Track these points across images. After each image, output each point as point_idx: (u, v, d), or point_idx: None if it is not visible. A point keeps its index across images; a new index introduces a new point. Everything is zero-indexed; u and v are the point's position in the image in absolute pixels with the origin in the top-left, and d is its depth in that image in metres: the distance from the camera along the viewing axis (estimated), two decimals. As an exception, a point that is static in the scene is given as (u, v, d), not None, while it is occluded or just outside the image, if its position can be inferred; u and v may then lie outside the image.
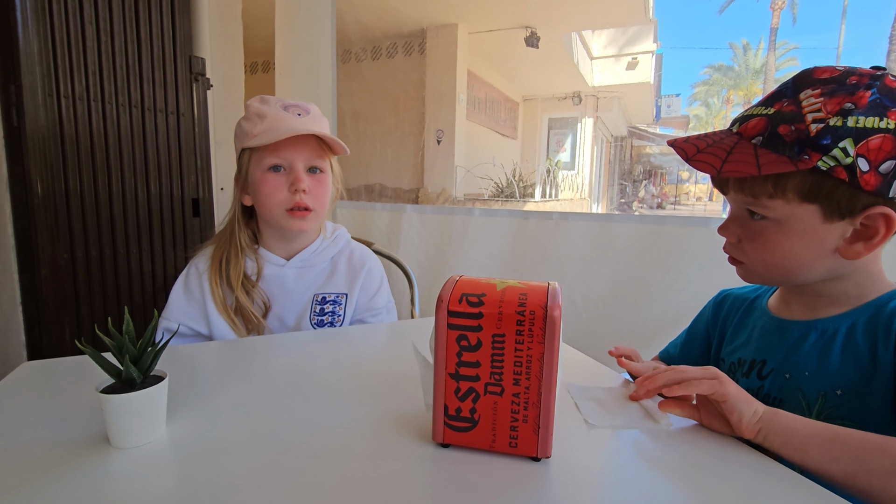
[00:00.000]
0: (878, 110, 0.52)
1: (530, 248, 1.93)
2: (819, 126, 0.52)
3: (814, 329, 0.63)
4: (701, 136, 0.63)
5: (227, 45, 2.10)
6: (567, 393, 0.63)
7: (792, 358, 0.64)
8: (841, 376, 0.59)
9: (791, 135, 0.54)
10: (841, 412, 0.58)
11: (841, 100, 0.52)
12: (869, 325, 0.59)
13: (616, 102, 12.30)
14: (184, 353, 0.78)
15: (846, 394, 0.58)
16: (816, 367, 0.61)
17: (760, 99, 0.61)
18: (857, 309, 0.61)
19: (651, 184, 19.80)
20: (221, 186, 1.99)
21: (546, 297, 0.47)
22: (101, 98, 1.53)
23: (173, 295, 0.95)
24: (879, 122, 0.51)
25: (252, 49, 2.68)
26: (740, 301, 0.78)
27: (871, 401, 0.57)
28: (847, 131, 0.51)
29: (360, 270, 1.02)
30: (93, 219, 1.55)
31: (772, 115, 0.57)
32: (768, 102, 0.59)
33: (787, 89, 0.58)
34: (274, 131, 0.88)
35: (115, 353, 0.50)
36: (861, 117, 0.51)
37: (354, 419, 0.56)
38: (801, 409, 0.61)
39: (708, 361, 0.81)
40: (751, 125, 0.58)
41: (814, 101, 0.54)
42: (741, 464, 0.50)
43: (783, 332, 0.66)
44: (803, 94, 0.55)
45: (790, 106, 0.55)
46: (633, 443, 0.53)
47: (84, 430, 0.53)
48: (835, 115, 0.52)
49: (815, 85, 0.55)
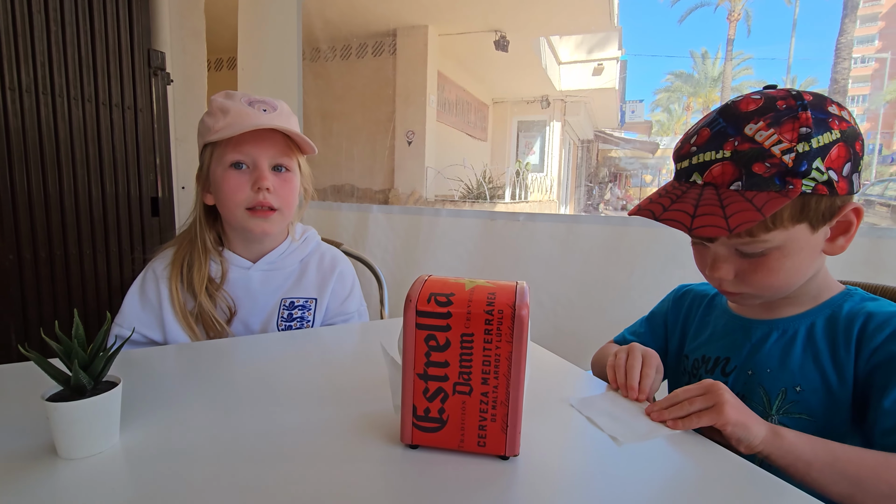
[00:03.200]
0: (824, 124, 0.56)
1: (498, 249, 1.94)
2: (791, 155, 0.55)
3: (775, 329, 0.67)
4: (660, 195, 0.63)
5: (189, 39, 2.03)
6: (534, 391, 0.63)
7: (755, 356, 0.67)
8: (801, 374, 0.63)
9: (769, 171, 0.56)
10: (799, 407, 0.62)
11: (792, 125, 0.55)
12: (828, 326, 0.64)
13: (583, 107, 12.55)
14: (140, 357, 0.75)
15: (805, 390, 0.62)
16: (778, 365, 0.65)
17: (695, 140, 0.61)
18: (814, 309, 0.65)
19: (616, 186, 20.32)
20: (182, 185, 1.92)
21: (514, 297, 0.47)
22: (51, 91, 1.45)
23: (127, 300, 0.90)
24: (830, 135, 0.56)
25: (217, 45, 2.60)
26: (701, 298, 0.81)
27: (828, 398, 0.61)
28: (815, 152, 0.55)
29: (331, 274, 0.99)
30: (42, 218, 1.47)
31: (731, 157, 0.57)
32: (714, 146, 0.59)
33: (726, 128, 0.58)
34: (236, 126, 0.84)
35: (63, 358, 0.48)
36: (818, 136, 0.55)
37: (321, 422, 0.55)
38: (762, 404, 0.65)
39: (664, 353, 0.83)
40: (717, 173, 0.58)
41: (765, 133, 0.56)
42: (702, 455, 0.51)
43: (746, 332, 0.69)
44: (748, 129, 0.57)
45: (744, 144, 0.57)
46: (599, 439, 0.54)
47: (29, 440, 0.49)
48: (798, 141, 0.55)
49: (752, 118, 0.57)
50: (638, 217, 0.66)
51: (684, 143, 0.63)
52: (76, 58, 1.50)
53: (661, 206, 0.61)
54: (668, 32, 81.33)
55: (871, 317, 0.60)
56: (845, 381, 0.60)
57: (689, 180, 0.61)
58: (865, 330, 0.60)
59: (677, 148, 0.65)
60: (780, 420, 0.63)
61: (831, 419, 0.61)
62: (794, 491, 0.45)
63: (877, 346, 0.59)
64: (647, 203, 0.64)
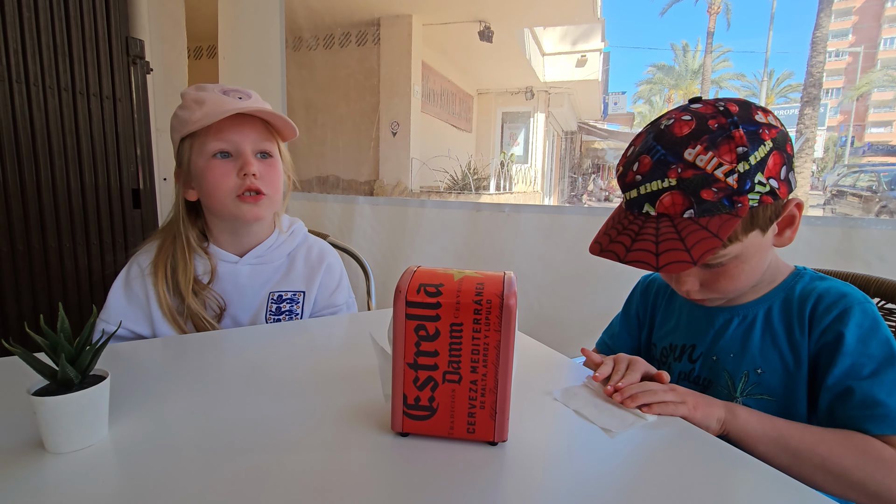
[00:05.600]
0: (756, 138, 0.58)
1: (483, 240, 1.95)
2: (734, 177, 0.58)
3: (736, 315, 0.71)
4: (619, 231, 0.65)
5: (169, 26, 1.98)
6: (521, 378, 0.65)
7: (718, 342, 0.71)
8: (761, 357, 0.67)
9: (717, 195, 0.58)
10: (761, 389, 0.67)
11: (729, 146, 0.57)
12: (783, 308, 0.68)
13: (566, 98, 12.58)
14: (127, 350, 0.74)
15: (766, 372, 0.67)
16: (740, 349, 0.69)
17: (637, 168, 0.62)
18: (770, 293, 0.70)
19: (599, 177, 20.51)
20: (164, 177, 1.88)
21: (502, 286, 0.48)
22: (25, 79, 1.41)
23: (112, 295, 0.88)
24: (763, 147, 0.58)
25: (197, 32, 2.54)
26: (664, 287, 0.84)
27: (787, 378, 0.65)
28: (754, 168, 0.58)
29: (319, 267, 0.99)
30: (18, 211, 1.43)
31: (678, 185, 0.59)
32: (658, 175, 0.60)
33: (666, 155, 0.60)
34: (215, 113, 0.83)
35: (49, 352, 0.47)
36: (754, 152, 0.58)
37: (311, 412, 0.56)
38: (727, 387, 0.69)
39: (640, 347, 0.87)
40: (667, 203, 0.60)
41: (705, 157, 0.58)
42: (690, 443, 0.53)
43: (709, 319, 0.73)
44: (687, 154, 0.58)
45: (688, 171, 0.58)
46: (584, 423, 0.55)
47: (15, 435, 0.49)
48: (737, 161, 0.57)
49: (689, 143, 0.59)
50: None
51: (626, 171, 0.65)
52: (51, 45, 1.46)
53: (623, 245, 0.63)
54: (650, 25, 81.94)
55: (820, 298, 0.65)
56: (800, 362, 0.65)
57: (642, 212, 0.63)
58: (816, 311, 0.65)
59: (620, 174, 0.67)
60: (744, 402, 0.67)
61: (790, 398, 0.65)
62: (756, 463, 0.48)
63: (825, 326, 0.63)
64: (606, 242, 0.66)
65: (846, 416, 0.59)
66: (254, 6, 2.32)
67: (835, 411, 0.60)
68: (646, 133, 0.65)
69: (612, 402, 0.60)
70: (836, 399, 0.60)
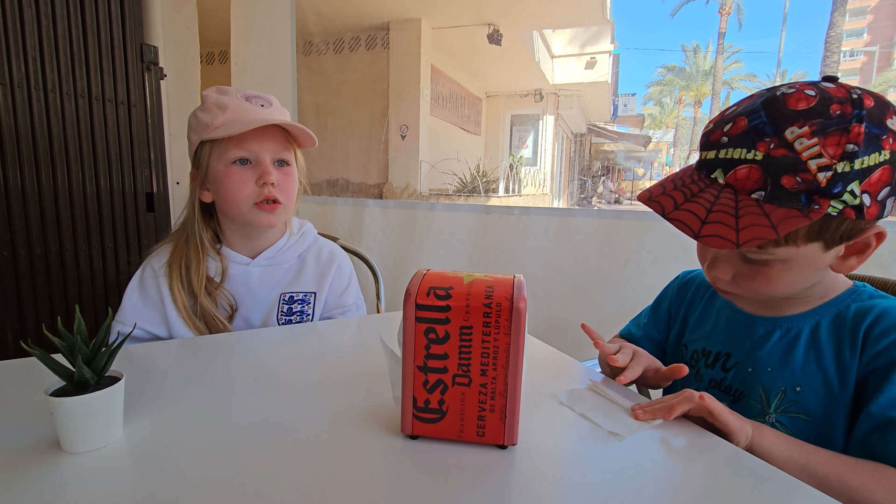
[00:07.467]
0: (875, 143, 0.50)
1: (492, 243, 1.95)
2: (827, 175, 0.50)
3: (779, 326, 0.65)
4: (675, 186, 0.59)
5: (182, 33, 2.01)
6: (530, 382, 0.64)
7: (756, 353, 0.66)
8: (802, 374, 0.62)
9: (797, 186, 0.51)
10: (797, 407, 0.61)
11: (839, 139, 0.50)
12: (833, 326, 0.62)
13: (575, 100, 12.54)
14: (141, 352, 0.75)
15: (805, 391, 0.61)
16: (779, 363, 0.64)
17: (729, 129, 0.56)
18: (819, 308, 0.63)
19: (609, 180, 20.39)
20: (177, 181, 1.91)
21: (512, 290, 0.48)
22: (43, 86, 1.44)
23: (127, 296, 0.89)
24: (879, 156, 0.50)
25: (209, 38, 2.57)
26: (705, 288, 0.79)
27: (828, 399, 0.60)
28: (854, 174, 0.50)
29: (329, 268, 1.00)
30: (36, 214, 1.46)
31: (762, 161, 0.52)
32: (747, 143, 0.54)
33: (765, 125, 0.53)
34: (240, 122, 0.84)
35: (66, 354, 0.48)
36: (864, 156, 0.50)
37: (322, 415, 0.56)
38: (760, 401, 0.64)
39: (667, 342, 0.83)
40: (741, 176, 0.54)
41: (807, 142, 0.50)
42: (702, 448, 0.53)
43: (749, 328, 0.68)
44: (789, 132, 0.51)
45: (780, 149, 0.51)
46: (594, 427, 0.55)
47: (32, 435, 0.50)
48: (840, 159, 0.50)
49: (797, 120, 0.51)
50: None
51: (716, 128, 0.58)
52: (68, 53, 1.49)
53: (673, 200, 0.57)
54: (660, 26, 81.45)
55: (878, 318, 0.59)
56: (847, 384, 0.59)
57: (710, 175, 0.57)
58: (871, 332, 0.58)
59: (707, 131, 0.59)
60: (777, 419, 0.62)
61: (829, 421, 0.60)
62: (773, 470, 0.47)
63: (880, 350, 0.57)
64: (658, 192, 0.60)
65: (884, 450, 0.54)
66: (265, 12, 2.35)
67: (870, 440, 0.55)
68: (758, 95, 0.57)
69: (617, 405, 0.59)
70: (875, 429, 0.55)
